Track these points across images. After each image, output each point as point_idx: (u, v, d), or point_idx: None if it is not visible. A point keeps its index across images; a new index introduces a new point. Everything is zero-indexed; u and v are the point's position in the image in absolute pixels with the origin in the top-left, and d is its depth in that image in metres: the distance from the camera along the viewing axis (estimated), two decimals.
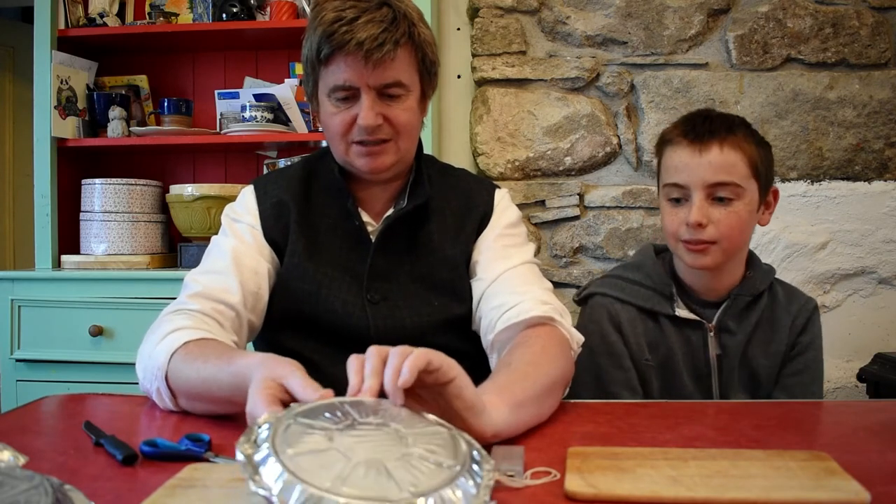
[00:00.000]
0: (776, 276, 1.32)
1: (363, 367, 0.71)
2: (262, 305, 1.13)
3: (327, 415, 0.65)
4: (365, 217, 1.18)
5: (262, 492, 0.55)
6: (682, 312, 1.25)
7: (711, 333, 1.25)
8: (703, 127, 1.19)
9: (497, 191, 1.25)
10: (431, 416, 0.69)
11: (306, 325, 1.14)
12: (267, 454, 0.58)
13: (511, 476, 0.66)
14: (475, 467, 0.61)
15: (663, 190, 1.23)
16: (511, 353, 0.98)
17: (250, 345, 1.20)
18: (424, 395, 0.75)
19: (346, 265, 1.15)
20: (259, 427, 0.62)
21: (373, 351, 0.72)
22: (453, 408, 0.74)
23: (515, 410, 0.81)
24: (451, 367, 0.73)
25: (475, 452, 0.63)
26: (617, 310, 1.26)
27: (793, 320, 1.27)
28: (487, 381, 0.87)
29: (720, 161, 1.16)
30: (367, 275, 1.14)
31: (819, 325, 1.31)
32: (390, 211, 1.18)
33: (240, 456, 0.58)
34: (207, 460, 0.74)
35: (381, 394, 0.70)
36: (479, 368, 0.89)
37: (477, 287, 1.16)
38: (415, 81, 1.12)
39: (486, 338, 1.12)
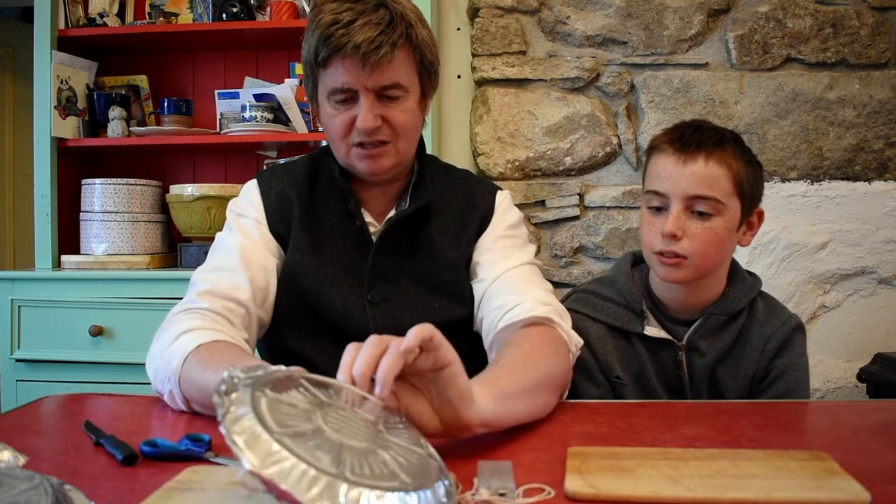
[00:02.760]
0: (763, 288, 1.27)
1: (356, 355, 0.70)
2: (270, 301, 1.13)
3: (330, 391, 0.66)
4: (367, 217, 1.18)
5: (216, 400, 0.56)
6: (651, 331, 1.22)
7: (681, 352, 1.21)
8: (691, 137, 1.15)
9: (498, 192, 1.25)
10: (426, 444, 0.67)
11: (307, 323, 1.14)
12: (249, 382, 0.59)
13: (502, 495, 0.63)
14: (428, 496, 0.57)
15: (644, 197, 1.20)
16: (501, 351, 0.99)
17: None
18: (417, 383, 0.74)
19: (347, 265, 1.15)
20: (264, 367, 0.64)
21: (372, 340, 0.71)
22: (446, 395, 0.73)
23: (503, 401, 0.81)
24: (449, 350, 0.73)
25: (441, 486, 0.59)
26: (587, 326, 1.23)
27: (765, 344, 1.21)
28: (476, 376, 0.87)
29: (703, 174, 1.12)
30: (368, 275, 1.14)
31: (801, 345, 1.23)
32: (392, 212, 1.18)
33: (225, 373, 0.60)
34: (207, 460, 0.74)
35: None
36: (479, 370, 0.89)
37: (478, 288, 1.16)
38: (414, 82, 1.12)
39: (487, 338, 1.12)
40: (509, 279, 1.13)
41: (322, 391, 0.65)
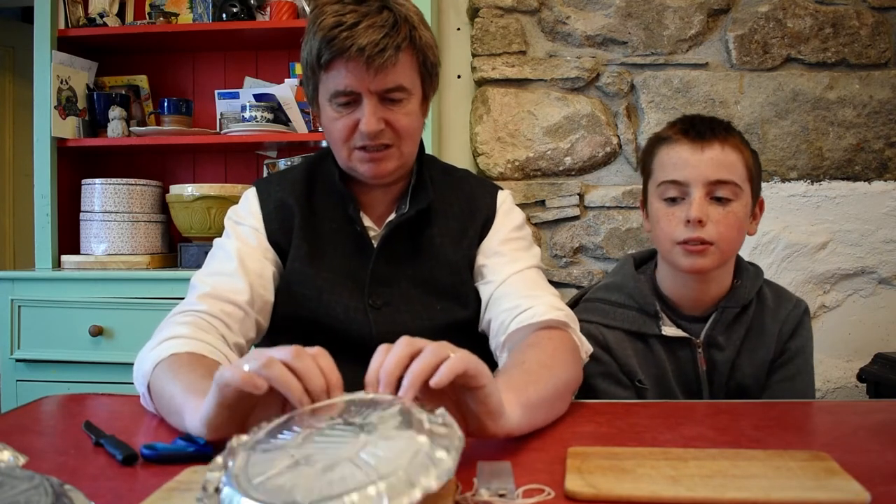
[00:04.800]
0: (765, 276, 1.29)
1: (386, 356, 0.70)
2: (268, 308, 1.13)
3: (334, 418, 0.65)
4: (367, 221, 1.18)
5: (208, 475, 0.59)
6: (668, 331, 1.22)
7: (699, 349, 1.22)
8: (703, 125, 1.17)
9: (500, 192, 1.25)
10: (427, 417, 0.64)
11: (308, 330, 1.13)
12: (244, 447, 0.62)
13: (502, 495, 0.63)
14: (393, 483, 0.54)
15: (657, 189, 1.19)
16: (524, 353, 0.98)
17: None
18: (444, 393, 0.73)
19: (348, 270, 1.15)
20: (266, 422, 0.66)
21: (404, 341, 0.71)
22: (475, 410, 0.73)
23: (528, 412, 0.81)
24: (483, 375, 0.71)
25: (420, 468, 0.55)
26: (603, 332, 1.23)
27: (780, 327, 1.24)
28: (500, 377, 0.87)
29: (721, 158, 1.14)
30: (369, 280, 1.14)
31: (809, 327, 1.27)
32: (392, 216, 1.18)
33: (227, 444, 0.62)
34: (207, 461, 0.74)
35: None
36: None
37: (485, 290, 1.16)
38: (416, 85, 1.12)
39: (497, 339, 1.11)
40: (518, 282, 1.13)
41: (313, 419, 0.65)
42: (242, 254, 1.12)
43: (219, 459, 0.60)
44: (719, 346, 1.22)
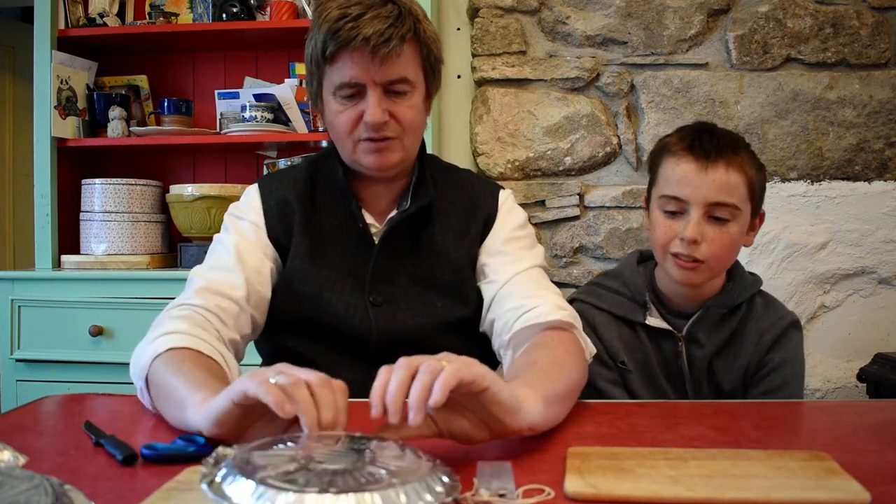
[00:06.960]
0: (763, 287, 1.30)
1: (388, 380, 0.69)
2: (265, 304, 1.13)
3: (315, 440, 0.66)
4: (368, 219, 1.18)
5: (204, 470, 0.58)
6: (652, 321, 1.25)
7: (681, 343, 1.25)
8: (710, 144, 1.17)
9: (501, 192, 1.25)
10: (422, 455, 0.65)
11: (308, 327, 1.14)
12: (234, 452, 0.61)
13: (502, 496, 0.63)
14: (418, 488, 0.56)
15: (658, 200, 1.21)
16: (534, 352, 0.98)
17: (251, 345, 1.20)
18: (456, 404, 0.73)
19: (348, 267, 1.15)
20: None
21: (402, 363, 0.71)
22: (490, 411, 0.73)
23: (548, 406, 0.81)
24: (483, 378, 0.71)
25: (433, 479, 0.58)
26: (593, 314, 1.27)
27: (760, 336, 1.24)
28: (515, 377, 0.88)
29: (724, 181, 1.15)
30: (370, 277, 1.14)
31: (797, 341, 1.26)
32: (393, 212, 1.18)
33: (214, 453, 0.62)
34: None
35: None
36: None
37: (488, 289, 1.16)
38: (420, 78, 1.12)
39: (501, 338, 1.11)
40: (522, 282, 1.13)
41: (310, 441, 0.65)
42: (240, 249, 1.12)
43: (210, 460, 0.60)
44: (699, 343, 1.24)
